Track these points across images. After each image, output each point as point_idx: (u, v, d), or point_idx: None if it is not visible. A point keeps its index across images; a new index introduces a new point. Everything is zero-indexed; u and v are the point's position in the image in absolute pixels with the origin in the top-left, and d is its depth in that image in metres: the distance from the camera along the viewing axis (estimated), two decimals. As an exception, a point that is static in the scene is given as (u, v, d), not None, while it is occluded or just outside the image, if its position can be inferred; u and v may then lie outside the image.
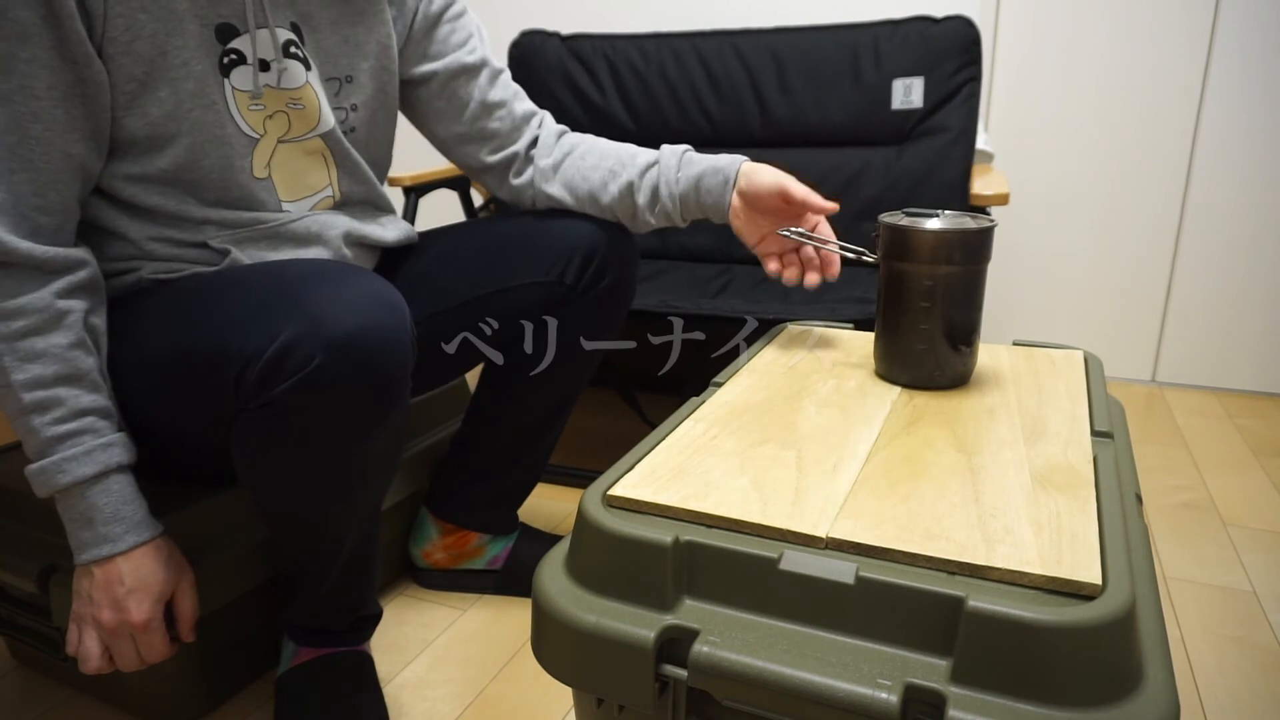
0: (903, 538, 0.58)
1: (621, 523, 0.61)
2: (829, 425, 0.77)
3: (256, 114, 0.85)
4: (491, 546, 1.16)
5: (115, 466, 0.75)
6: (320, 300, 0.71)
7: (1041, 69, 1.95)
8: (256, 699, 0.98)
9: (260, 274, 0.77)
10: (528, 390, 1.07)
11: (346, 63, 0.92)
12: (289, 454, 0.75)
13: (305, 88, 0.88)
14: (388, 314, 0.73)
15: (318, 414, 0.72)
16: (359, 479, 0.80)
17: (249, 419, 0.74)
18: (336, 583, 0.89)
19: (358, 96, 0.94)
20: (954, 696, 0.50)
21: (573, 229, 1.01)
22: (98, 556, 0.74)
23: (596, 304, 1.03)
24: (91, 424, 0.74)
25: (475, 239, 1.03)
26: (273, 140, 0.87)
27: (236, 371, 0.72)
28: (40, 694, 0.99)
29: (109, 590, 0.75)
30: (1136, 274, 2.00)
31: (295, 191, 0.90)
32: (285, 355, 0.69)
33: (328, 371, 0.70)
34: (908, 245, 0.83)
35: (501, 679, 1.01)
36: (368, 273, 0.77)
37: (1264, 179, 1.86)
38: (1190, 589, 1.19)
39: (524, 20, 2.27)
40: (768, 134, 1.73)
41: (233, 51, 0.82)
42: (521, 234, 1.02)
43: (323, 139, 0.91)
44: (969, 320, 0.84)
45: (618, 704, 0.61)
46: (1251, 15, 1.79)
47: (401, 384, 0.76)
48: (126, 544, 0.75)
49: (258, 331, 0.71)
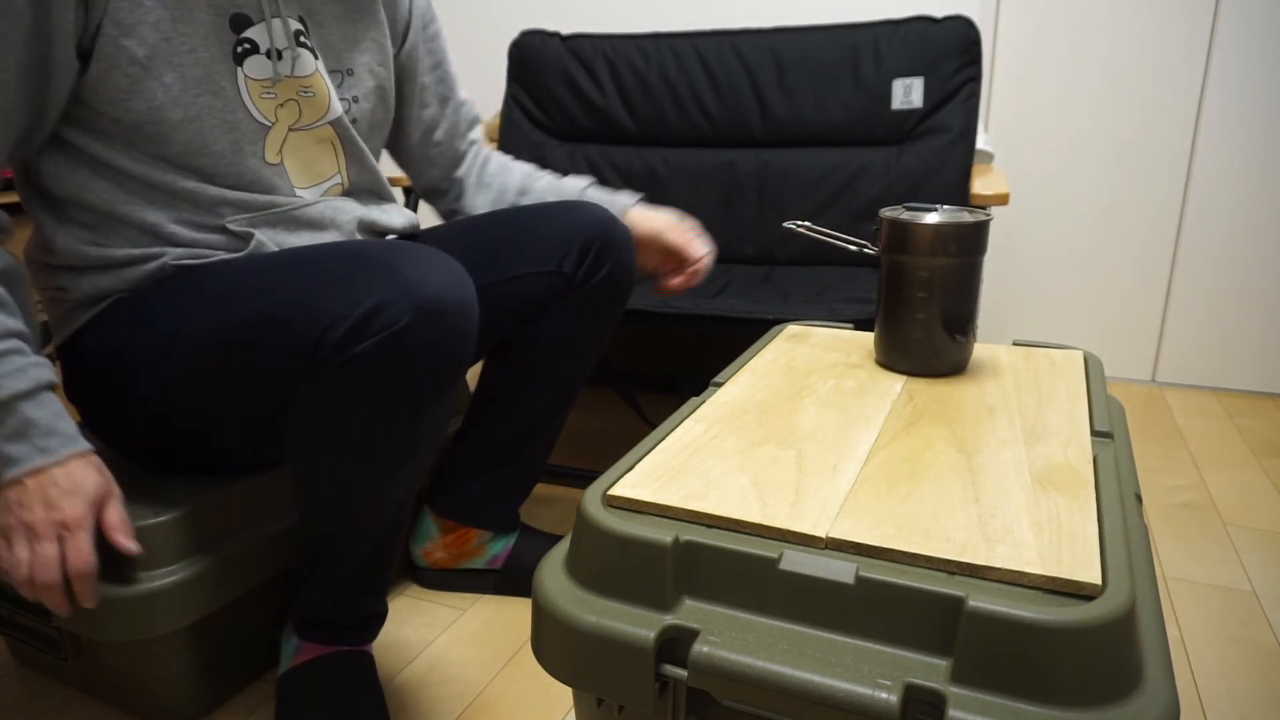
0: (902, 538, 0.58)
1: (621, 523, 0.61)
2: (829, 425, 0.77)
3: (268, 102, 0.87)
4: (492, 545, 1.16)
5: (46, 384, 0.75)
6: (405, 268, 0.74)
7: (1041, 69, 1.96)
8: (256, 699, 0.98)
9: (334, 249, 0.79)
10: (528, 385, 1.08)
11: (348, 57, 0.96)
12: (357, 416, 0.76)
13: (315, 75, 0.91)
14: (462, 284, 0.78)
15: (396, 373, 0.74)
16: (414, 447, 0.82)
17: (323, 380, 0.75)
18: (356, 568, 0.89)
19: (358, 89, 0.98)
20: (954, 696, 0.50)
21: (571, 219, 1.03)
22: (33, 467, 0.73)
23: (596, 294, 1.04)
24: (19, 345, 0.75)
25: (474, 232, 1.05)
26: (284, 128, 0.89)
27: (320, 331, 0.73)
28: (40, 694, 0.99)
29: (42, 492, 0.73)
30: (1136, 274, 2.00)
31: (308, 178, 0.93)
32: (374, 314, 0.72)
33: (413, 332, 0.73)
34: (907, 238, 0.87)
35: (501, 679, 1.01)
36: (434, 249, 0.80)
37: (1264, 179, 1.86)
38: (1190, 589, 1.19)
39: (524, 20, 2.27)
40: (768, 134, 1.73)
41: (246, 41, 0.85)
42: (520, 225, 1.04)
43: (332, 126, 0.94)
44: (965, 310, 0.88)
45: (618, 704, 0.61)
46: (1251, 15, 1.79)
47: (470, 350, 0.80)
48: (62, 455, 0.74)
49: (344, 296, 0.73)
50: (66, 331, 0.88)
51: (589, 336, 1.07)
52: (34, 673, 1.03)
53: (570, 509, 1.44)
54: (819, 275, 1.59)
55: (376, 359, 0.73)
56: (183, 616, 0.85)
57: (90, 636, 0.85)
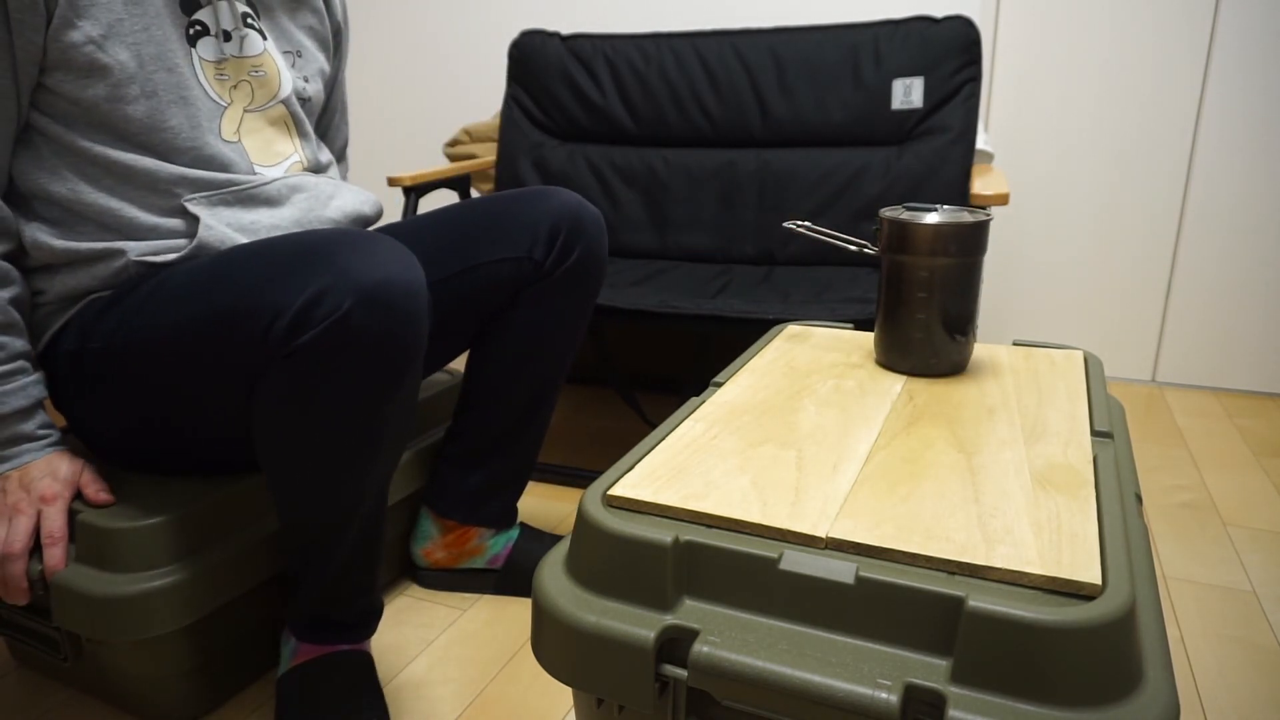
0: (902, 538, 0.58)
1: (621, 523, 0.61)
2: (829, 425, 0.77)
3: (223, 83, 0.92)
4: (492, 544, 1.16)
5: (39, 399, 0.86)
6: (347, 256, 0.75)
7: (1041, 69, 1.96)
8: (256, 699, 0.98)
9: (282, 242, 0.80)
10: (508, 378, 1.09)
11: (296, 39, 1.03)
12: (314, 407, 0.76)
13: (264, 55, 0.96)
14: (408, 267, 0.78)
15: (345, 360, 0.74)
16: (379, 435, 0.81)
17: (276, 374, 0.75)
18: (345, 562, 0.89)
19: (308, 69, 1.04)
20: (954, 696, 0.50)
21: (539, 206, 1.04)
22: (18, 464, 0.85)
23: (567, 280, 1.05)
24: (24, 366, 0.85)
25: (441, 222, 1.07)
26: (239, 109, 0.94)
27: (266, 323, 0.73)
28: (40, 694, 0.99)
29: (23, 480, 0.84)
30: (1136, 274, 2.00)
31: (268, 158, 0.97)
32: (315, 303, 0.72)
33: (355, 317, 0.73)
34: (907, 238, 0.87)
35: (501, 679, 1.01)
36: (382, 235, 0.80)
37: (1264, 179, 1.86)
38: (1190, 589, 1.19)
39: (524, 20, 2.27)
40: (768, 134, 1.73)
41: (198, 23, 0.89)
42: (488, 213, 1.05)
43: (284, 105, 0.99)
44: (965, 310, 0.88)
45: (618, 704, 0.61)
46: (1251, 15, 1.79)
47: (421, 334, 0.79)
48: (43, 454, 0.86)
49: (288, 287, 0.74)
50: (45, 336, 0.89)
51: (564, 324, 1.07)
52: (34, 673, 1.03)
53: (570, 509, 1.44)
54: (819, 275, 1.59)
55: (323, 347, 0.73)
56: (182, 617, 0.85)
57: (90, 637, 0.85)
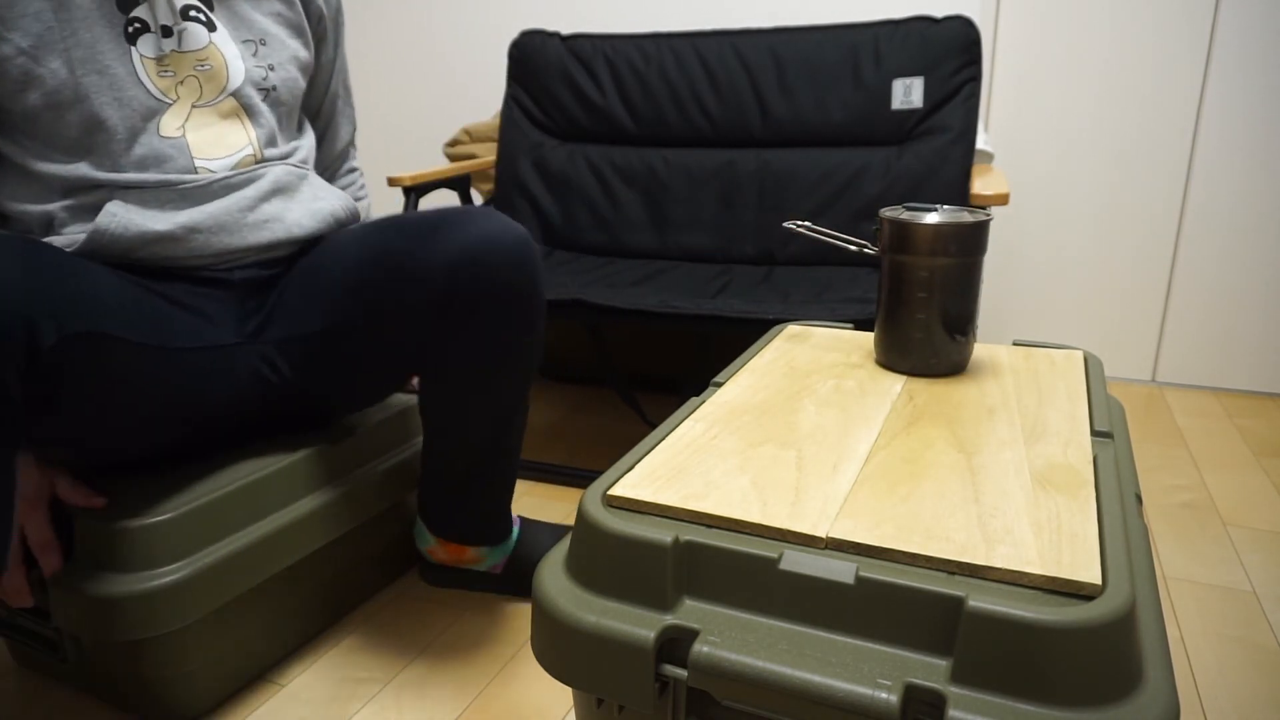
0: (902, 538, 0.58)
1: (621, 523, 0.61)
2: (829, 425, 0.77)
3: (167, 80, 0.90)
4: (490, 556, 1.15)
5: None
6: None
7: (1041, 69, 1.95)
8: (256, 699, 0.98)
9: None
10: (460, 414, 1.00)
11: (259, 27, 0.99)
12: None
13: (209, 48, 0.93)
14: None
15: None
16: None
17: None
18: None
19: (274, 58, 1.00)
20: (954, 696, 0.50)
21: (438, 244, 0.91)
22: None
23: (483, 315, 0.92)
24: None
25: (361, 253, 0.97)
26: (187, 105, 0.92)
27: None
28: (40, 694, 0.99)
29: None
30: (1136, 274, 2.00)
31: (217, 150, 0.94)
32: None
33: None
34: (907, 238, 0.87)
35: (501, 679, 1.01)
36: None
37: (1264, 179, 1.86)
38: (1190, 589, 1.19)
39: (524, 20, 2.27)
40: (768, 134, 1.73)
41: (136, 20, 0.88)
42: (397, 250, 0.93)
43: (235, 97, 0.96)
44: (965, 310, 0.88)
45: (618, 704, 0.61)
46: (1251, 15, 1.79)
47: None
48: None
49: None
50: None
51: (500, 357, 0.95)
52: (34, 673, 1.03)
53: (570, 509, 1.44)
54: (819, 275, 1.59)
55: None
56: (182, 616, 0.85)
57: (90, 637, 0.85)
